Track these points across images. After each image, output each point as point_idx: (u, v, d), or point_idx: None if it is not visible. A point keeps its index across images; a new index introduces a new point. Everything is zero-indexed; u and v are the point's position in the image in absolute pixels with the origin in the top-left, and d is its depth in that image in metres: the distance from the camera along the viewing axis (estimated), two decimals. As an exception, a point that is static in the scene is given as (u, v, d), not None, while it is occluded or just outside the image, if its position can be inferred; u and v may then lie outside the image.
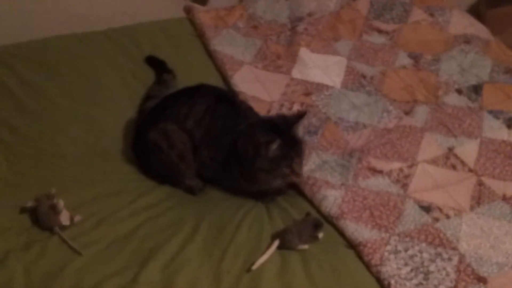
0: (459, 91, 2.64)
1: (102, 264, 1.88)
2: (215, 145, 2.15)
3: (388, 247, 1.97)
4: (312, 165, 2.27)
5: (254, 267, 1.88)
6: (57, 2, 2.99)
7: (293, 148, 2.04)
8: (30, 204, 2.00)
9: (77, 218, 1.99)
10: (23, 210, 2.01)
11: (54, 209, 1.95)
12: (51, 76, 2.63)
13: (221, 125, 2.15)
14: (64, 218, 1.96)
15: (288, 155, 2.02)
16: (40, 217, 1.97)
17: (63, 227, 1.96)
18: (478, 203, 2.14)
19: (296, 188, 2.21)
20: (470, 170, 2.26)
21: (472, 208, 2.12)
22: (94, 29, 2.94)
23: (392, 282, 1.87)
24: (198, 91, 2.27)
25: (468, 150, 2.34)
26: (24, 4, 2.93)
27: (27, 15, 2.94)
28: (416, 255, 1.95)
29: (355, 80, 2.72)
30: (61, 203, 1.96)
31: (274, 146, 1.99)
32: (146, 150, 2.21)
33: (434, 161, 2.30)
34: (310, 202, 2.16)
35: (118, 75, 2.69)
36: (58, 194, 2.00)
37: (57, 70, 2.67)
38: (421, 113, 2.51)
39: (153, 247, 1.94)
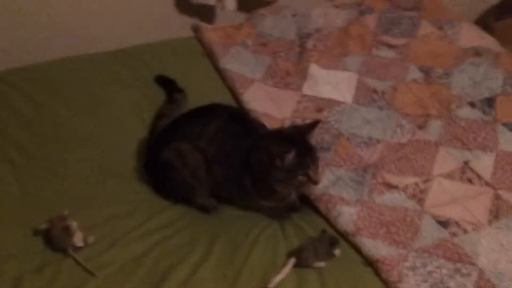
0: (472, 104, 2.61)
1: (116, 286, 1.87)
2: (228, 163, 2.13)
3: (406, 264, 1.95)
4: (326, 181, 2.24)
5: (271, 285, 1.86)
6: (65, 25, 2.99)
7: (308, 155, 2.02)
8: (43, 226, 1.98)
9: (90, 239, 1.98)
10: (36, 232, 2.00)
11: (68, 231, 1.94)
12: (60, 97, 2.63)
13: (233, 143, 2.14)
14: (78, 239, 1.95)
15: (304, 163, 2.00)
16: (54, 239, 1.95)
17: (77, 249, 1.95)
18: (496, 217, 2.10)
19: (311, 205, 2.19)
20: (487, 184, 2.23)
21: (490, 222, 2.09)
22: (103, 50, 2.93)
23: (411, 299, 1.84)
24: (210, 110, 2.26)
25: (484, 163, 2.31)
26: (32, 28, 2.93)
27: (35, 38, 2.95)
28: (435, 271, 1.92)
29: (366, 95, 2.70)
30: (74, 225, 1.95)
31: (290, 157, 1.97)
32: (159, 169, 2.20)
33: (450, 175, 2.27)
34: (325, 219, 2.14)
35: (127, 95, 2.68)
36: (70, 215, 1.99)
37: (66, 91, 2.67)
38: (435, 127, 2.49)
39: (167, 268, 1.93)
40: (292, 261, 1.93)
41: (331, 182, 2.25)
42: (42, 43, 2.96)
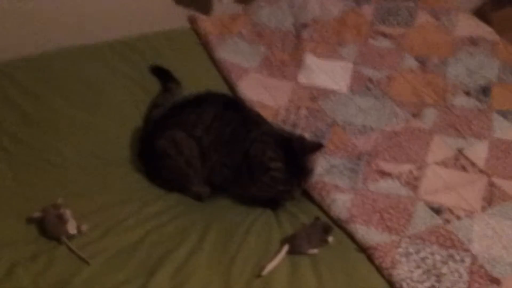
0: (467, 93, 2.62)
1: (110, 273, 1.86)
2: (226, 151, 2.14)
3: (399, 250, 1.95)
4: (320, 169, 2.24)
5: (264, 272, 1.86)
6: (61, 15, 2.99)
7: (297, 176, 2.05)
8: (37, 214, 1.98)
9: (84, 227, 1.98)
10: (30, 220, 2.00)
11: (61, 219, 1.94)
12: (56, 87, 2.62)
13: (230, 131, 2.14)
14: (71, 227, 1.95)
15: (289, 182, 2.04)
16: (47, 227, 1.95)
17: (71, 237, 1.94)
18: (490, 204, 2.11)
19: (304, 193, 2.19)
20: (481, 171, 2.24)
21: (483, 209, 2.09)
22: (98, 41, 2.93)
23: (404, 285, 1.84)
24: (205, 98, 2.26)
25: (478, 151, 2.32)
26: (27, 18, 2.92)
27: (30, 29, 2.94)
28: (428, 257, 1.93)
29: (361, 84, 2.71)
30: (68, 213, 1.95)
31: (275, 167, 2.01)
32: (154, 157, 2.21)
33: (443, 163, 2.28)
34: (319, 206, 2.14)
35: (123, 85, 2.68)
36: (64, 204, 1.99)
37: (62, 81, 2.67)
38: (430, 115, 2.50)
39: (161, 256, 1.93)
40: (286, 248, 1.93)
41: (325, 169, 2.25)
42: (38, 34, 2.95)
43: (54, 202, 2.00)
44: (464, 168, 2.25)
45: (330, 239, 1.98)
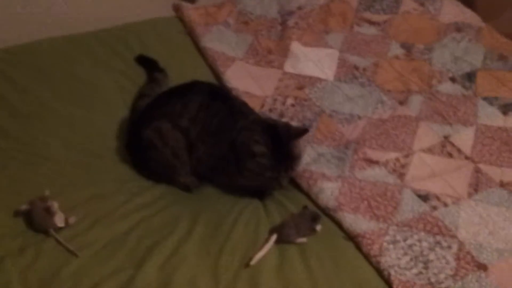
0: (452, 79, 2.64)
1: (98, 265, 1.86)
2: (213, 141, 2.13)
3: (387, 238, 1.96)
4: (307, 158, 2.25)
5: (253, 262, 1.87)
6: (45, 5, 2.97)
7: (283, 162, 2.04)
8: (24, 207, 1.97)
9: (72, 219, 1.97)
10: (17, 213, 1.99)
11: (48, 211, 1.93)
12: (42, 79, 2.60)
13: (217, 121, 2.14)
14: (59, 219, 1.94)
15: (276, 168, 2.03)
16: (35, 220, 1.94)
17: (58, 229, 1.94)
18: (476, 190, 2.12)
19: (292, 182, 2.19)
20: (467, 158, 2.25)
21: (470, 195, 2.11)
22: (83, 31, 2.91)
23: (392, 272, 1.85)
24: (191, 88, 2.25)
25: (464, 137, 2.33)
26: (12, 8, 2.90)
27: (15, 19, 2.92)
28: (415, 244, 1.94)
29: (348, 72, 2.71)
30: (55, 205, 1.94)
31: (258, 151, 2.00)
32: (140, 148, 2.20)
33: (430, 150, 2.29)
34: (307, 195, 2.15)
35: (109, 76, 2.66)
36: (52, 197, 1.98)
37: (48, 72, 2.65)
38: (416, 103, 2.50)
39: (150, 247, 1.93)
40: (274, 237, 1.94)
41: (312, 158, 2.26)
42: (22, 24, 2.93)
43: (41, 195, 1.99)
44: (450, 155, 2.27)
45: (318, 227, 1.98)
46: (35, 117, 2.42)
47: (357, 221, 2.01)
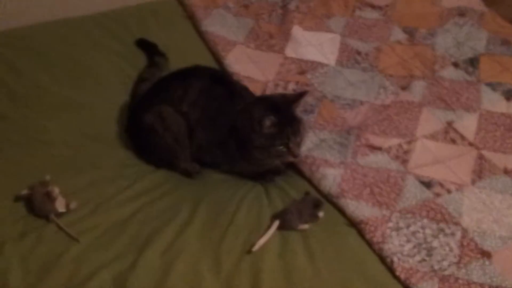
0: (455, 65, 2.61)
1: (99, 250, 1.86)
2: (212, 127, 2.12)
3: (390, 224, 1.95)
4: (310, 144, 2.24)
5: (255, 248, 1.86)
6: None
7: (289, 126, 1.99)
8: (24, 192, 1.97)
9: (73, 204, 1.96)
10: (17, 198, 1.98)
11: (49, 196, 1.92)
12: (41, 63, 2.58)
13: (217, 106, 2.12)
14: (60, 205, 1.93)
15: (284, 133, 1.98)
16: (35, 205, 1.94)
17: (59, 214, 1.93)
18: (480, 177, 2.11)
19: (294, 168, 2.18)
20: (470, 144, 2.24)
21: (473, 182, 2.10)
22: (82, 14, 2.89)
23: (395, 259, 1.85)
24: (192, 72, 2.23)
25: (467, 123, 2.32)
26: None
27: (12, 2, 2.88)
28: (419, 231, 1.93)
29: (350, 57, 2.69)
30: (56, 190, 1.93)
31: (268, 122, 1.95)
32: (141, 133, 2.18)
33: (433, 136, 2.27)
34: (309, 181, 2.14)
35: (109, 59, 2.65)
36: (52, 181, 1.97)
37: (47, 56, 2.63)
38: (418, 88, 2.49)
39: (151, 232, 1.92)
40: (276, 223, 1.93)
41: (314, 144, 2.24)
42: (21, 8, 2.90)
43: (42, 180, 1.97)
44: (453, 141, 2.25)
45: (321, 214, 1.97)
46: (33, 100, 2.41)
47: (359, 208, 2.00)
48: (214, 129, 2.12)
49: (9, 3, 2.86)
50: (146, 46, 2.69)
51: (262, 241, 1.88)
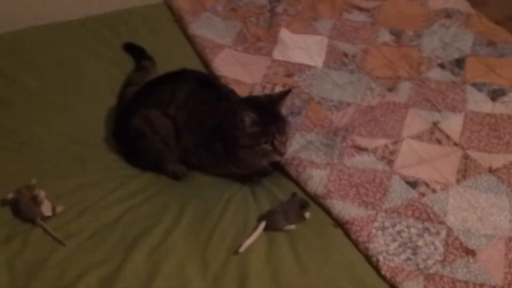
0: (441, 66, 2.63)
1: (86, 254, 1.86)
2: (199, 130, 2.12)
3: (376, 224, 1.96)
4: (296, 145, 2.25)
5: (241, 249, 1.86)
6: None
7: (274, 124, 1.99)
8: (10, 196, 1.97)
9: (59, 208, 1.96)
10: (3, 202, 1.98)
11: (35, 200, 1.92)
12: (29, 67, 2.59)
13: (204, 109, 2.12)
14: (46, 208, 1.94)
15: (268, 131, 1.98)
16: (21, 209, 1.94)
17: (45, 218, 1.93)
18: (464, 177, 2.12)
19: (281, 170, 2.19)
20: (455, 144, 2.25)
21: (458, 181, 2.11)
22: (71, 18, 2.90)
23: (381, 258, 1.86)
24: (179, 76, 2.23)
25: (453, 124, 2.32)
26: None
27: (1, 7, 2.89)
28: (404, 231, 1.94)
29: (337, 59, 2.70)
30: (42, 194, 1.93)
31: (248, 118, 1.95)
32: (129, 137, 2.19)
33: (419, 137, 2.28)
34: (296, 182, 2.14)
35: (97, 63, 2.66)
36: (39, 185, 1.98)
37: (35, 60, 2.64)
38: (405, 89, 2.50)
39: (138, 235, 1.93)
40: (263, 224, 1.93)
41: (301, 146, 2.25)
42: (9, 12, 2.90)
43: (28, 183, 1.98)
44: (439, 142, 2.26)
45: (307, 215, 1.98)
46: (22, 105, 2.42)
47: (345, 208, 2.00)
48: (201, 131, 2.12)
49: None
50: (134, 50, 2.70)
51: (248, 242, 1.88)
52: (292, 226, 1.96)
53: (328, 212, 2.03)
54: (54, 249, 1.86)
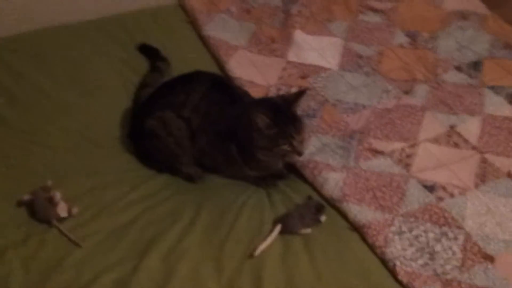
0: (458, 68, 2.61)
1: (101, 255, 1.86)
2: (213, 132, 2.11)
3: (392, 228, 1.94)
4: (312, 148, 2.23)
5: (256, 253, 1.86)
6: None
7: (291, 124, 1.98)
8: (26, 197, 1.97)
9: (75, 209, 1.96)
10: (19, 203, 1.98)
11: (51, 202, 1.93)
12: (42, 68, 2.59)
13: (218, 111, 2.11)
14: (62, 210, 1.93)
15: (286, 131, 1.96)
16: (37, 210, 1.94)
17: (61, 219, 1.93)
18: (483, 181, 2.10)
19: (296, 173, 2.18)
20: (473, 148, 2.23)
21: (476, 186, 2.09)
22: (84, 19, 2.90)
23: (397, 263, 1.84)
24: (194, 78, 2.23)
25: (470, 127, 2.31)
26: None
27: (16, 8, 2.89)
28: (421, 235, 1.92)
29: (352, 61, 2.69)
30: (57, 195, 1.94)
31: (264, 117, 1.93)
32: (144, 138, 2.18)
33: (436, 140, 2.26)
34: (312, 185, 2.13)
35: (110, 64, 2.65)
36: (54, 186, 1.98)
37: (48, 61, 2.64)
38: (421, 92, 2.48)
39: (153, 237, 1.92)
40: (278, 228, 1.92)
41: (317, 149, 2.24)
42: (23, 13, 2.91)
43: (44, 185, 1.98)
44: (456, 145, 2.24)
45: (323, 218, 1.97)
46: (34, 105, 2.42)
47: (362, 212, 1.99)
48: (215, 134, 2.11)
49: (10, 9, 2.86)
50: (148, 51, 2.69)
51: (264, 245, 1.87)
52: (308, 230, 1.95)
53: (344, 215, 2.01)
54: (70, 251, 1.86)
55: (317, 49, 2.75)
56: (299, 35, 2.80)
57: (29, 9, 2.91)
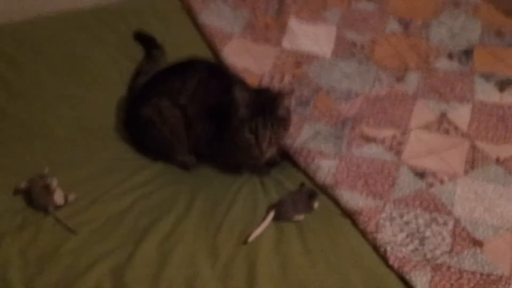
0: (450, 56, 2.64)
1: (97, 243, 1.88)
2: (209, 119, 2.13)
3: (383, 214, 1.97)
4: (305, 136, 2.26)
5: (250, 239, 1.88)
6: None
7: (262, 115, 1.98)
8: (23, 185, 1.99)
9: (71, 197, 1.98)
10: (16, 191, 2.00)
11: (48, 189, 1.94)
12: (39, 56, 2.59)
13: (214, 99, 2.13)
14: (58, 197, 1.95)
15: (254, 119, 1.97)
16: (34, 198, 1.96)
17: (58, 207, 1.95)
18: (472, 167, 2.13)
19: (289, 160, 2.21)
20: (463, 135, 2.26)
21: (466, 172, 2.12)
22: (80, 7, 2.90)
23: (388, 248, 1.87)
24: (190, 65, 2.24)
25: (461, 114, 2.34)
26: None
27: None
28: (411, 221, 1.95)
29: (345, 49, 2.70)
30: (54, 183, 1.95)
31: (244, 93, 1.97)
32: (139, 126, 2.20)
33: (427, 127, 2.29)
34: (304, 173, 2.15)
35: (106, 53, 2.66)
36: (51, 174, 1.99)
37: (45, 50, 2.64)
38: (413, 80, 2.51)
39: (148, 224, 1.94)
40: (272, 214, 1.95)
41: (310, 136, 2.26)
42: (17, 1, 2.91)
43: (41, 172, 2.00)
44: (447, 132, 2.27)
45: (316, 205, 1.99)
46: (32, 94, 2.42)
47: (354, 198, 2.02)
48: (211, 121, 2.13)
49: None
50: (144, 39, 2.70)
51: (257, 232, 1.90)
52: (301, 216, 1.97)
53: (336, 202, 2.04)
54: (66, 238, 1.87)
55: (311, 37, 2.76)
56: (293, 22, 2.82)
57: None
